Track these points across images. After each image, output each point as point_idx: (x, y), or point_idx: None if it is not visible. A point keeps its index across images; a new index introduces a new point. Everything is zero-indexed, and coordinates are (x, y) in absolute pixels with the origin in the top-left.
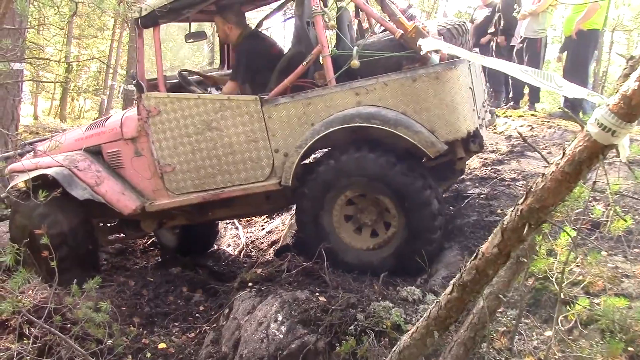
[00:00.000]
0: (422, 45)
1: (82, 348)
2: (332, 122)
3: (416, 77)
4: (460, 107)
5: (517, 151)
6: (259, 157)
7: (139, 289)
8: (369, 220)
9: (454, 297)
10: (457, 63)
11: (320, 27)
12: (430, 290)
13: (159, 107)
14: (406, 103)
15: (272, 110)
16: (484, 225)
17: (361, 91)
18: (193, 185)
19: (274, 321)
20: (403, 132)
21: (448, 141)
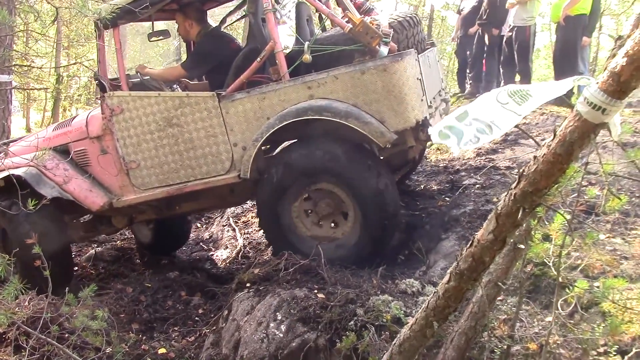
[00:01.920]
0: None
1: (80, 357)
2: (286, 116)
3: (365, 70)
4: (408, 98)
5: (511, 139)
6: (219, 151)
7: (137, 295)
8: (326, 212)
9: (452, 286)
10: (404, 55)
11: (272, 24)
12: (429, 282)
13: (122, 106)
14: (356, 95)
15: (229, 106)
16: (481, 214)
17: (313, 85)
18: (157, 180)
19: (273, 320)
20: (353, 124)
21: (398, 131)
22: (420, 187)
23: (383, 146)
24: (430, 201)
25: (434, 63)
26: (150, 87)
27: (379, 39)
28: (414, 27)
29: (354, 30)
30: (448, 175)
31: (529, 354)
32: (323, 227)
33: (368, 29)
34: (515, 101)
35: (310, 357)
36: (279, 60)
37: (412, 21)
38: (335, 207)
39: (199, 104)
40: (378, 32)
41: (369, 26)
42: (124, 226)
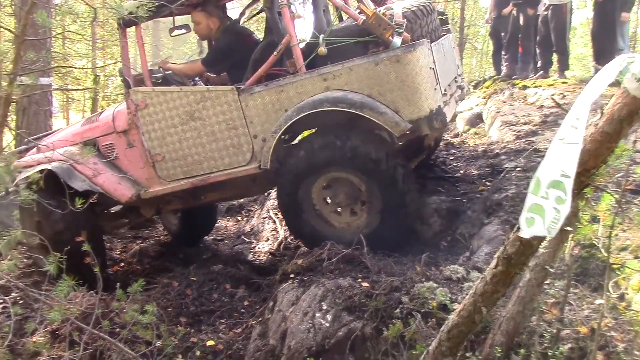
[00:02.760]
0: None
1: (132, 351)
2: (303, 108)
3: (378, 61)
4: (421, 87)
5: (551, 121)
6: (240, 143)
7: (183, 289)
8: (345, 201)
9: (500, 270)
10: (416, 45)
11: (287, 18)
12: (474, 268)
13: (146, 101)
14: (371, 86)
15: (248, 99)
16: (523, 198)
17: (329, 77)
18: (182, 172)
19: (318, 310)
20: (368, 114)
21: (412, 120)
22: (460, 173)
23: (398, 135)
24: (471, 186)
25: (449, 50)
26: (173, 82)
27: (391, 30)
28: (427, 15)
29: (367, 22)
30: (487, 159)
31: (579, 337)
32: (342, 215)
33: (381, 21)
34: (573, 125)
35: (357, 346)
36: (295, 53)
37: (425, 10)
38: (353, 195)
39: (220, 98)
40: (391, 24)
41: (382, 18)
42: (152, 216)
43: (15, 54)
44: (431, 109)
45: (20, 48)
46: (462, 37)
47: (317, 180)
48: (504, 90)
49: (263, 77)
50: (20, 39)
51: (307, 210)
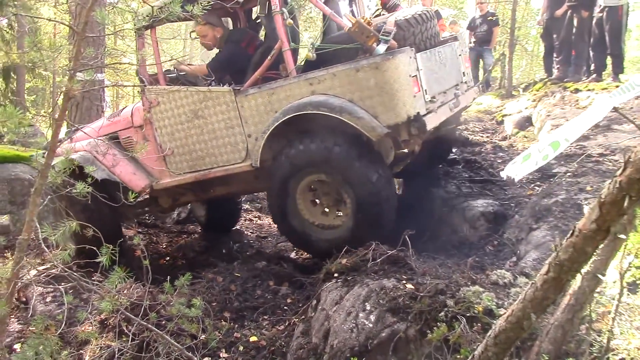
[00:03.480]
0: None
1: (177, 343)
2: (289, 110)
3: (359, 68)
4: (399, 94)
5: (603, 125)
6: (236, 141)
7: (227, 284)
8: (327, 202)
9: (551, 277)
10: (395, 53)
11: (279, 25)
12: (521, 273)
13: (159, 99)
14: (352, 91)
15: (243, 100)
16: (573, 203)
17: (314, 81)
18: (188, 166)
19: (362, 310)
20: (347, 118)
21: (389, 125)
22: None
23: (375, 139)
24: (519, 190)
25: (450, 57)
26: (185, 82)
27: (374, 38)
28: (424, 23)
29: (351, 30)
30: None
31: (630, 348)
32: (324, 216)
33: (363, 29)
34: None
35: (400, 348)
36: (286, 58)
37: (421, 18)
38: (335, 197)
39: (219, 98)
40: (373, 32)
41: (364, 26)
42: (170, 206)
43: (76, 51)
44: (409, 116)
45: (81, 45)
46: (513, 38)
47: (302, 181)
48: (555, 93)
49: (259, 80)
50: (82, 36)
51: (291, 209)
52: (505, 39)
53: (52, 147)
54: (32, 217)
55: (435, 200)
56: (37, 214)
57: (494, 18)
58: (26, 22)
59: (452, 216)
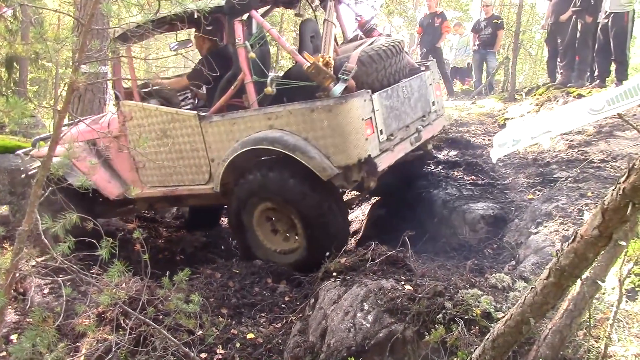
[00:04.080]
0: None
1: (174, 338)
2: (246, 142)
3: (314, 108)
4: (350, 137)
5: (605, 131)
6: (200, 164)
7: (226, 280)
8: (282, 228)
9: (551, 282)
10: (349, 97)
11: (242, 57)
12: (520, 277)
13: (132, 114)
14: (307, 130)
15: (207, 126)
16: (574, 209)
17: (272, 116)
18: (158, 180)
19: (360, 310)
20: (299, 157)
21: (340, 166)
22: (508, 180)
23: (325, 179)
24: (520, 194)
25: (418, 89)
26: (160, 96)
27: (330, 80)
28: (392, 57)
29: (308, 70)
30: (538, 167)
31: (627, 355)
32: (278, 240)
33: (320, 70)
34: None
35: (397, 349)
36: (248, 90)
37: (389, 52)
38: (289, 223)
39: (185, 121)
40: (329, 74)
41: (321, 68)
42: (146, 209)
43: (82, 43)
44: (360, 158)
45: (87, 37)
46: (517, 42)
47: (257, 206)
48: (557, 98)
49: (224, 107)
50: (87, 28)
51: (248, 231)
52: (509, 43)
53: (54, 139)
54: (32, 208)
55: (436, 202)
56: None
57: (499, 21)
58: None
59: (452, 218)
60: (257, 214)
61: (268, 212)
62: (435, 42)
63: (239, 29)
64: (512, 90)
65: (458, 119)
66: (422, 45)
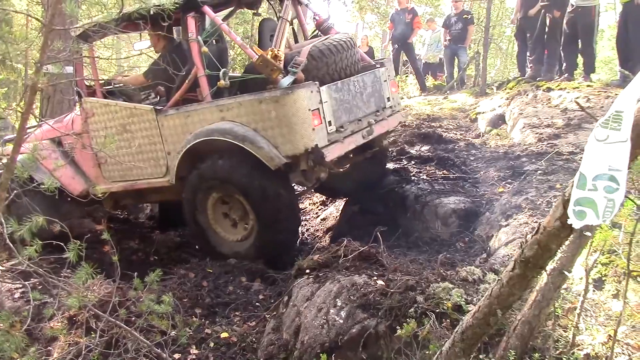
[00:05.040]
0: (572, 224)
1: (147, 340)
2: (199, 134)
3: (262, 100)
4: (297, 127)
5: (574, 124)
6: (158, 157)
7: (199, 280)
8: (237, 216)
9: (516, 274)
10: (295, 89)
11: (195, 51)
12: (490, 270)
13: (94, 110)
14: (256, 121)
15: (163, 120)
16: (543, 201)
17: (224, 108)
18: (119, 175)
19: (333, 306)
20: (248, 147)
21: (288, 155)
22: (480, 173)
23: (273, 169)
24: (491, 187)
25: (371, 84)
26: (122, 93)
27: (278, 72)
28: (340, 53)
29: (256, 63)
30: (508, 161)
31: (595, 343)
32: (230, 228)
33: (267, 63)
34: (613, 128)
35: (370, 344)
36: (201, 83)
37: (337, 48)
38: (241, 211)
39: (142, 116)
40: (277, 66)
41: (268, 60)
42: (112, 207)
43: (43, 43)
44: (306, 148)
45: (48, 37)
46: (487, 36)
47: (210, 195)
48: (527, 92)
49: (180, 101)
50: (49, 28)
51: (202, 220)
52: (480, 38)
53: (17, 141)
54: None
55: (408, 197)
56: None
57: (469, 17)
58: None
59: (425, 213)
60: (211, 204)
61: (221, 204)
62: (407, 38)
63: (192, 24)
64: (483, 85)
65: (430, 114)
66: (394, 41)
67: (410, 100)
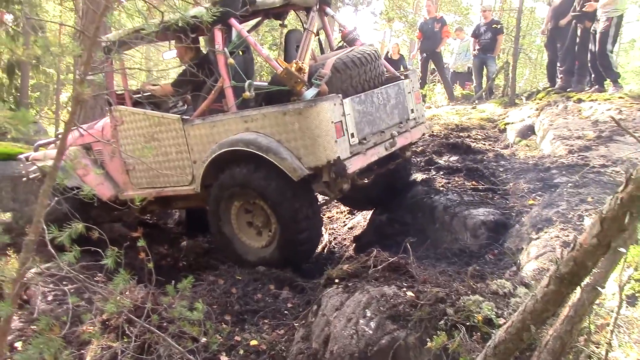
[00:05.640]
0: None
1: (179, 346)
2: (224, 144)
3: (286, 111)
4: (320, 139)
5: (605, 136)
6: (184, 165)
7: (228, 287)
8: (260, 222)
9: (551, 289)
10: (319, 101)
11: (221, 63)
12: (521, 283)
13: (123, 118)
14: (280, 133)
15: (190, 129)
16: (575, 215)
17: (248, 119)
18: (146, 182)
19: (362, 317)
20: (272, 157)
21: (310, 167)
22: (509, 185)
23: (296, 180)
24: (520, 199)
25: (395, 96)
26: (151, 102)
27: (302, 84)
28: (366, 64)
29: (280, 75)
30: (538, 173)
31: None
32: (253, 235)
33: (291, 75)
34: None
35: (400, 355)
36: (227, 94)
37: (364, 59)
38: (264, 219)
39: (170, 125)
40: (301, 78)
41: (292, 73)
42: (140, 212)
43: (87, 55)
44: (329, 160)
45: (92, 49)
46: (517, 47)
47: (232, 204)
48: (557, 102)
49: (206, 111)
50: (93, 41)
51: (227, 231)
52: (508, 47)
53: (60, 149)
54: (39, 218)
55: (437, 208)
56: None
57: (499, 26)
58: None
59: (454, 224)
60: (234, 214)
61: (244, 213)
62: (435, 47)
63: (219, 36)
64: (513, 95)
65: (459, 124)
66: (422, 50)
67: (438, 110)
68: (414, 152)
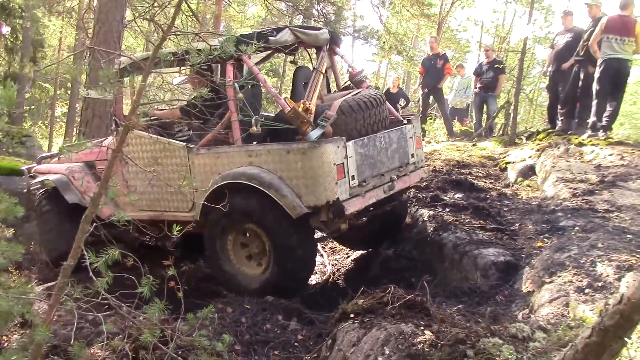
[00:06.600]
0: None
1: None
2: (226, 176)
3: (289, 150)
4: (321, 180)
5: (608, 181)
6: (185, 192)
7: (237, 315)
8: (257, 250)
9: (594, 341)
10: (322, 143)
11: (231, 96)
12: (538, 328)
13: (128, 140)
14: (282, 170)
15: (194, 158)
16: (587, 260)
17: (252, 154)
18: (146, 205)
19: (381, 354)
20: (273, 194)
21: (309, 206)
22: (515, 226)
23: (294, 217)
24: (528, 241)
25: (397, 140)
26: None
27: (308, 125)
28: (372, 108)
29: (287, 114)
30: (543, 214)
31: None
32: (249, 263)
33: (298, 115)
34: None
35: None
36: (233, 127)
37: (369, 103)
38: (260, 243)
39: (175, 152)
40: (307, 119)
41: (299, 113)
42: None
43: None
44: (328, 200)
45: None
46: (519, 87)
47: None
48: (558, 145)
49: (212, 141)
50: (147, 71)
51: (228, 268)
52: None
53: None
54: (79, 243)
55: (446, 245)
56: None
57: (501, 66)
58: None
59: (464, 263)
60: (231, 248)
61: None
62: (437, 83)
63: (230, 71)
64: (513, 134)
65: (460, 161)
66: (424, 86)
67: (438, 145)
68: (418, 188)
